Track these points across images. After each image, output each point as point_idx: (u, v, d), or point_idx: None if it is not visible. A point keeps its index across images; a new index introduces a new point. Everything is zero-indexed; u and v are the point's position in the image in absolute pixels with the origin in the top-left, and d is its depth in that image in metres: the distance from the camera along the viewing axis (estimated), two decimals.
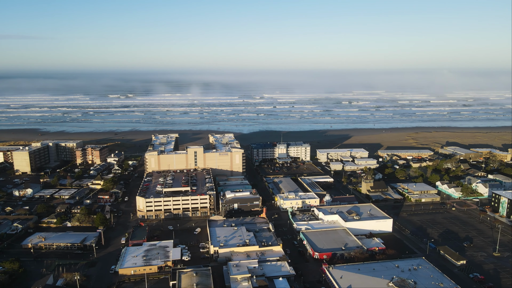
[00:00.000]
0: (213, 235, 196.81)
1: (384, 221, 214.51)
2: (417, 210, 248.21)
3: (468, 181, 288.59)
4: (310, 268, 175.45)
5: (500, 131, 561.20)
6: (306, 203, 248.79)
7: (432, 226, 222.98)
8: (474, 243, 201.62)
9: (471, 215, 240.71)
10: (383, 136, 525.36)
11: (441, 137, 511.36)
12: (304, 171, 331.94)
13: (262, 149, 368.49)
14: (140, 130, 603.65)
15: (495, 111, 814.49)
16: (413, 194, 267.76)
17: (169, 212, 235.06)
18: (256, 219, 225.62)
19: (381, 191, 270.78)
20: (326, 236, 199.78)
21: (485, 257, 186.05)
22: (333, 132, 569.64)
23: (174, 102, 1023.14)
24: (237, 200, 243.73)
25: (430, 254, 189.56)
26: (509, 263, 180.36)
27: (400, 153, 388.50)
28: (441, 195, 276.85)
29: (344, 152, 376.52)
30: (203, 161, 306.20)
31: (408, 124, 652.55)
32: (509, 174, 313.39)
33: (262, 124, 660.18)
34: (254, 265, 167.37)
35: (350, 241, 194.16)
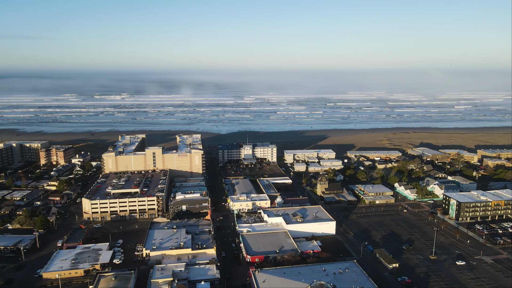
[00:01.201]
0: (149, 238, 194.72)
1: (327, 224, 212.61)
2: (368, 212, 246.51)
3: (426, 182, 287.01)
4: (240, 272, 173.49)
5: (478, 132, 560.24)
6: (256, 205, 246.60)
7: (378, 228, 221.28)
8: (414, 245, 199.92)
9: (420, 217, 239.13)
10: (360, 137, 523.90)
11: (417, 138, 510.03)
12: (266, 172, 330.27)
13: (228, 150, 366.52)
14: (118, 130, 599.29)
15: (482, 112, 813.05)
16: (368, 196, 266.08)
17: (116, 214, 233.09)
18: (201, 221, 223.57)
19: (336, 192, 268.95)
20: (264, 238, 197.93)
21: (420, 260, 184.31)
22: (312, 133, 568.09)
23: (165, 103, 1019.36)
24: (186, 202, 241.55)
25: (367, 257, 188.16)
26: (443, 266, 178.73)
27: (368, 154, 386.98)
28: (398, 196, 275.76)
29: (311, 153, 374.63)
30: (162, 162, 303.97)
31: (389, 124, 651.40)
32: (470, 176, 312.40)
33: (243, 124, 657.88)
34: (180, 269, 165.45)
35: (287, 244, 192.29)
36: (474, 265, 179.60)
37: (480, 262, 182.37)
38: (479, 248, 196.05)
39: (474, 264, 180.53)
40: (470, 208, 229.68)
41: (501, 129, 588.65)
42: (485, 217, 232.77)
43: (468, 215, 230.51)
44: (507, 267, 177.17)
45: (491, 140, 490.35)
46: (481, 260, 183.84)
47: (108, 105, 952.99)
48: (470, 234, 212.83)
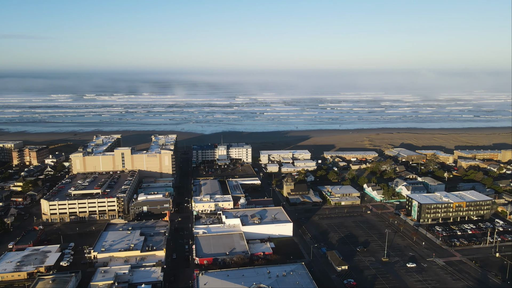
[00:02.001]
0: (101, 239, 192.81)
1: (283, 225, 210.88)
2: (331, 214, 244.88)
3: (395, 183, 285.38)
4: (187, 274, 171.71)
5: (461, 132, 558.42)
6: (219, 206, 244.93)
7: (337, 230, 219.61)
8: (370, 247, 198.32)
9: (382, 218, 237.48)
10: (343, 137, 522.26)
11: (399, 138, 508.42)
12: (238, 173, 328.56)
13: (202, 150, 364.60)
14: (102, 130, 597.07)
15: (473, 113, 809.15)
16: (334, 197, 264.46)
17: (75, 215, 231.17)
18: (159, 222, 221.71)
19: (301, 193, 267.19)
20: (218, 240, 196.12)
21: (371, 262, 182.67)
22: (296, 133, 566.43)
23: (157, 103, 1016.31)
24: (147, 203, 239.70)
25: (319, 259, 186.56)
26: (392, 268, 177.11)
27: (345, 154, 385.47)
28: (365, 198, 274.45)
29: (286, 154, 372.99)
30: (131, 163, 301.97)
31: (376, 125, 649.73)
32: (441, 177, 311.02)
33: (228, 125, 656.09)
34: (124, 271, 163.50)
35: (240, 245, 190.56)
36: (424, 267, 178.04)
37: (431, 264, 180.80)
38: (433, 250, 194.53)
39: (424, 266, 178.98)
40: (431, 209, 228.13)
41: (485, 129, 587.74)
42: (447, 219, 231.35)
43: (429, 217, 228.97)
44: (457, 270, 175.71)
45: (472, 141, 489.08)
46: (433, 262, 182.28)
47: (98, 105, 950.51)
48: (428, 236, 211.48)
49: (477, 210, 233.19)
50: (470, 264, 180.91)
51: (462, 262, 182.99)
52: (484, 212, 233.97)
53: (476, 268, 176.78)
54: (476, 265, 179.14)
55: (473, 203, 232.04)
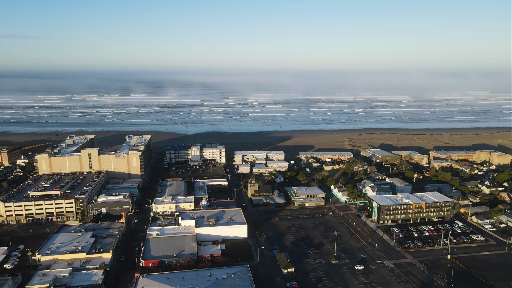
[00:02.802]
0: (49, 242, 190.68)
1: (238, 227, 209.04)
2: (292, 215, 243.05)
3: (363, 184, 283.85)
4: (132, 277, 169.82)
5: (443, 133, 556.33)
6: (180, 207, 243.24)
7: (294, 232, 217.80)
8: (323, 249, 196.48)
9: (343, 220, 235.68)
10: (324, 138, 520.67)
11: (380, 139, 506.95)
12: (209, 174, 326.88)
13: (176, 151, 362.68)
14: (86, 131, 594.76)
15: (463, 113, 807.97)
16: (298, 198, 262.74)
17: (32, 216, 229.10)
18: (114, 224, 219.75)
19: (265, 195, 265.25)
20: (169, 242, 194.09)
21: (320, 265, 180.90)
22: (279, 134, 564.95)
23: (149, 103, 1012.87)
24: (106, 204, 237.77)
25: (268, 261, 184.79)
26: (340, 271, 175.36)
27: (320, 155, 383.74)
28: (332, 199, 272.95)
29: (261, 155, 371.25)
30: (98, 164, 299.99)
31: (361, 125, 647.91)
32: (410, 178, 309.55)
33: (213, 125, 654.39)
34: (64, 274, 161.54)
35: (189, 247, 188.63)
36: (372, 269, 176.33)
37: (380, 266, 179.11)
38: (386, 252, 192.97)
39: (373, 268, 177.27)
40: (391, 211, 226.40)
41: (469, 130, 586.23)
42: (407, 220, 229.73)
43: (388, 218, 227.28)
44: (405, 272, 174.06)
45: (453, 141, 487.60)
46: (382, 265, 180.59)
47: (88, 106, 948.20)
48: (384, 238, 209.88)
49: (438, 212, 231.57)
50: (419, 266, 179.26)
51: (412, 264, 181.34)
52: (445, 214, 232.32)
53: (424, 271, 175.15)
54: (425, 267, 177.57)
55: (433, 204, 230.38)
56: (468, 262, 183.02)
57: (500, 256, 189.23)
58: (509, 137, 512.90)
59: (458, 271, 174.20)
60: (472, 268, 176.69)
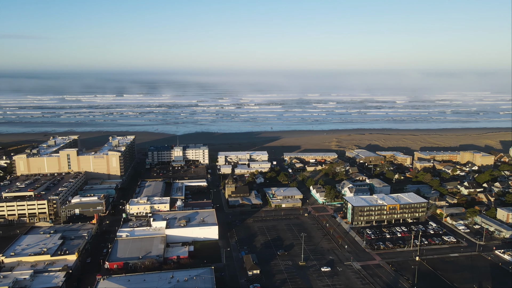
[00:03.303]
0: (16, 243, 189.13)
1: (209, 228, 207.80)
2: (267, 216, 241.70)
3: (342, 185, 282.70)
4: (94, 279, 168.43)
5: (433, 133, 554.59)
6: (155, 208, 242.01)
7: (266, 233, 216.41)
8: (293, 251, 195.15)
9: (318, 221, 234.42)
10: (312, 138, 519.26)
11: (368, 139, 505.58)
12: (189, 175, 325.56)
13: (158, 151, 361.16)
14: (75, 131, 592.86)
15: (457, 114, 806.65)
16: (276, 199, 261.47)
17: (4, 218, 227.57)
18: (86, 225, 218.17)
19: (242, 196, 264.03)
20: (137, 244, 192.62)
21: (287, 266, 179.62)
22: (268, 134, 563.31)
23: (143, 103, 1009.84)
24: (79, 205, 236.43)
25: (235, 263, 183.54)
26: (305, 272, 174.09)
27: (305, 156, 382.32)
28: (311, 200, 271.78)
29: (244, 155, 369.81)
30: (77, 164, 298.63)
31: (352, 126, 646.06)
32: (390, 178, 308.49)
33: (203, 125, 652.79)
34: (25, 276, 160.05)
35: (157, 249, 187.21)
36: (339, 271, 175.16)
37: (347, 268, 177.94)
38: (356, 254, 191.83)
39: (339, 270, 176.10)
40: (364, 212, 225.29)
41: (459, 130, 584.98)
42: (381, 221, 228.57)
43: (362, 219, 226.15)
44: (371, 274, 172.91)
45: (441, 142, 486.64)
46: (349, 266, 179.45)
47: (82, 106, 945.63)
48: (356, 239, 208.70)
49: (412, 213, 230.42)
50: (386, 268, 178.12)
51: (379, 266, 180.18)
52: (419, 215, 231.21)
53: (390, 272, 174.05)
54: (392, 269, 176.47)
55: (407, 206, 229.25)
56: (436, 263, 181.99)
57: (469, 257, 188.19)
58: (497, 138, 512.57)
59: (425, 273, 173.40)
60: (439, 270, 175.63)
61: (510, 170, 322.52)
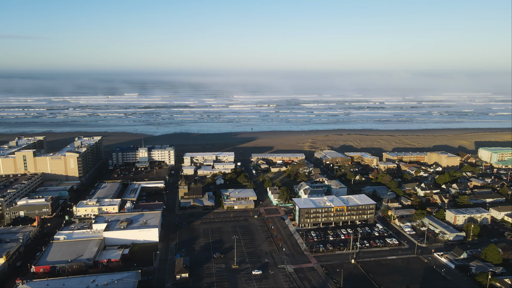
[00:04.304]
0: None
1: (148, 231, 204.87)
2: (216, 218, 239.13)
3: (299, 187, 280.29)
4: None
5: (410, 134, 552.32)
6: (103, 210, 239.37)
7: (209, 235, 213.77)
8: (230, 253, 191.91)
9: (265, 223, 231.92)
10: (288, 139, 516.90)
11: (343, 140, 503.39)
12: (150, 176, 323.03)
13: (123, 152, 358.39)
14: (54, 132, 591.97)
15: (441, 115, 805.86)
16: (229, 201, 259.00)
17: None
18: (26, 227, 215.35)
19: (195, 197, 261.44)
20: (72, 247, 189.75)
21: (219, 269, 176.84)
22: (245, 135, 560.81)
23: (131, 104, 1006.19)
24: (24, 208, 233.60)
25: (168, 266, 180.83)
26: (236, 276, 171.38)
27: (272, 157, 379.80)
28: (266, 201, 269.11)
29: (210, 156, 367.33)
30: (34, 166, 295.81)
31: (332, 126, 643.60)
32: (350, 179, 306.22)
33: (182, 125, 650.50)
34: None
35: (90, 252, 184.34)
36: (270, 274, 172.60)
37: (279, 271, 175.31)
38: (293, 257, 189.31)
39: (271, 273, 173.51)
40: (311, 214, 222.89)
41: (438, 131, 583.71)
42: (328, 223, 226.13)
43: (309, 221, 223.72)
44: (301, 277, 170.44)
45: (415, 142, 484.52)
46: (282, 269, 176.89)
47: (68, 107, 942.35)
48: (299, 242, 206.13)
49: (360, 215, 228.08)
50: (319, 271, 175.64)
51: (313, 269, 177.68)
52: (367, 217, 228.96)
53: (322, 275, 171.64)
54: (324, 272, 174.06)
55: (355, 207, 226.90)
56: (370, 266, 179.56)
57: (407, 260, 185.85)
58: (473, 138, 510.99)
59: (357, 276, 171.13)
60: (371, 273, 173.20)
61: (472, 171, 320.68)
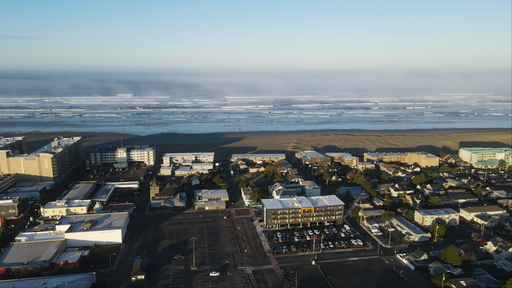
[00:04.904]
0: None
1: (111, 232, 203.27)
2: (186, 219, 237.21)
3: (273, 187, 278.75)
4: None
5: (396, 134, 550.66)
6: (71, 211, 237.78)
7: (174, 237, 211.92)
8: (192, 255, 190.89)
9: (233, 224, 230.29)
10: (275, 139, 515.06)
11: (328, 140, 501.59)
12: (127, 176, 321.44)
13: (102, 153, 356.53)
14: (41, 132, 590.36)
15: (434, 115, 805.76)
16: (200, 202, 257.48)
17: None
18: None
19: (166, 198, 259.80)
20: (31, 248, 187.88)
21: (177, 271, 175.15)
22: (233, 135, 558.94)
23: (125, 104, 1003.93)
24: None
25: (126, 268, 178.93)
26: (192, 278, 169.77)
27: (253, 157, 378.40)
28: (240, 202, 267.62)
29: (189, 156, 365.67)
30: (7, 166, 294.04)
31: (321, 126, 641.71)
32: (328, 180, 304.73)
33: (170, 125, 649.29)
34: None
35: (48, 254, 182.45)
36: (227, 276, 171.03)
37: (237, 273, 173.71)
38: (255, 258, 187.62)
39: (229, 275, 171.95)
40: (278, 215, 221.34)
41: (425, 131, 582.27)
42: (296, 224, 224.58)
43: (276, 222, 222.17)
44: (259, 279, 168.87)
45: (399, 143, 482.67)
46: (241, 271, 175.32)
47: (58, 107, 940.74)
48: (263, 243, 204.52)
49: (329, 216, 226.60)
50: (278, 272, 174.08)
51: (272, 271, 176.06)
52: (336, 218, 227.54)
53: (279, 277, 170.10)
54: (283, 274, 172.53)
55: (323, 208, 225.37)
56: (330, 267, 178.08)
57: (368, 261, 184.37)
58: (459, 139, 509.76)
59: (315, 277, 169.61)
60: (330, 274, 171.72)
61: (449, 172, 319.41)
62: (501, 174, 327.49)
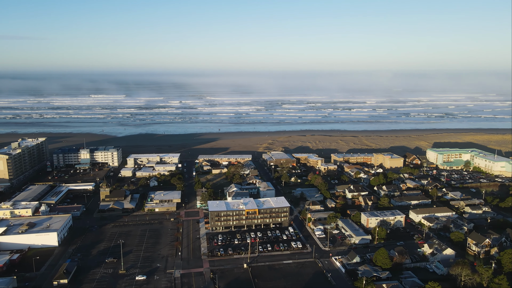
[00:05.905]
0: None
1: (47, 235, 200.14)
2: (131, 221, 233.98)
3: (228, 189, 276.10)
4: None
5: (373, 134, 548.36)
6: (15, 214, 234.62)
7: (113, 239, 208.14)
8: (126, 258, 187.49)
9: (178, 227, 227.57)
10: (250, 140, 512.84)
11: (303, 141, 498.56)
12: (85, 178, 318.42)
13: (65, 154, 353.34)
14: (18, 133, 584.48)
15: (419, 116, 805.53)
16: (150, 203, 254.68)
17: None
18: None
19: (117, 200, 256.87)
20: None
21: (103, 275, 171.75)
22: (210, 136, 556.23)
23: (113, 105, 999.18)
24: None
25: (54, 272, 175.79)
26: (118, 281, 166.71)
27: (219, 158, 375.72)
28: (193, 203, 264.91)
29: (154, 157, 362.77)
30: None
31: (301, 127, 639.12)
32: (286, 182, 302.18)
33: (150, 126, 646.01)
34: None
35: None
36: (154, 280, 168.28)
37: (165, 276, 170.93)
38: (188, 261, 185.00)
39: (156, 278, 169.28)
40: (221, 217, 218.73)
41: (403, 132, 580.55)
42: (241, 226, 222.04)
43: (220, 224, 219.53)
44: (185, 282, 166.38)
45: (373, 143, 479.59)
46: (169, 274, 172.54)
47: (44, 107, 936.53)
48: (202, 246, 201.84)
49: (274, 218, 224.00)
50: (206, 276, 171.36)
51: (200, 274, 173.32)
52: (282, 220, 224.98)
53: (206, 281, 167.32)
54: (211, 277, 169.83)
55: (268, 210, 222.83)
56: (261, 271, 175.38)
57: (301, 264, 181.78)
58: (434, 139, 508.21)
59: (243, 281, 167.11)
60: (258, 278, 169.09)
61: (410, 173, 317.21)
62: (464, 175, 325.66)
